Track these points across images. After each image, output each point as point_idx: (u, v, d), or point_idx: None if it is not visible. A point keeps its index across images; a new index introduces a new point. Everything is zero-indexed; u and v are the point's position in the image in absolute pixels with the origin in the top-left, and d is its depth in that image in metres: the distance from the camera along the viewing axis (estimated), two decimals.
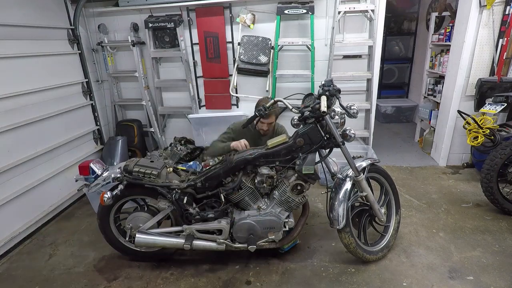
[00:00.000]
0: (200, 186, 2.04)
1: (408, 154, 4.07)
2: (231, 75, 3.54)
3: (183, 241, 2.06)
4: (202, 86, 3.71)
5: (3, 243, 2.46)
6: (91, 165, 2.14)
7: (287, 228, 2.09)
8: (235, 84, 3.58)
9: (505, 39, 2.96)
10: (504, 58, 2.99)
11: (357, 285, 1.99)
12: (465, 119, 3.00)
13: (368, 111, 3.47)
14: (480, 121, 2.85)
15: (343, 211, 1.95)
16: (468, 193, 3.02)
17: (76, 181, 2.33)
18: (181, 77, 3.67)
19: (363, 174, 2.01)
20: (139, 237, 2.07)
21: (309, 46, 3.19)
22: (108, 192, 1.90)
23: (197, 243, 2.08)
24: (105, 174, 2.10)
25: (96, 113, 3.66)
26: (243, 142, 2.30)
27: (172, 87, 3.82)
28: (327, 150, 2.00)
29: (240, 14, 3.30)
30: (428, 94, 4.15)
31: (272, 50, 3.32)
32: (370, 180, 2.19)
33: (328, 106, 1.79)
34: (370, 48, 3.27)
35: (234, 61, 3.49)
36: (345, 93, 1.91)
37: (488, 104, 2.88)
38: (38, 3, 2.93)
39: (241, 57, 3.38)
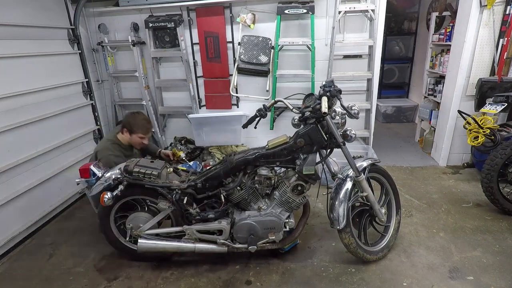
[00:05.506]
0: (200, 186, 2.03)
1: (408, 154, 4.07)
2: (231, 75, 3.54)
3: (185, 244, 2.07)
4: (202, 86, 3.70)
5: (4, 243, 2.46)
6: (91, 167, 2.13)
7: (287, 229, 2.09)
8: (235, 84, 3.58)
9: (506, 39, 2.96)
10: (504, 58, 2.99)
11: (357, 285, 1.99)
12: (465, 119, 3.00)
13: (368, 111, 3.47)
14: (480, 121, 2.84)
15: (343, 211, 1.95)
16: (468, 193, 3.02)
17: (78, 184, 2.33)
18: (181, 77, 3.67)
19: (364, 174, 2.01)
20: (142, 242, 2.07)
21: (309, 46, 3.18)
22: (109, 193, 1.90)
23: (200, 246, 2.08)
24: (106, 175, 2.10)
25: (96, 113, 3.65)
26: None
27: (172, 87, 3.82)
28: (328, 151, 2.00)
29: (241, 14, 3.29)
30: (429, 94, 4.14)
31: (272, 50, 3.31)
32: (371, 180, 2.20)
33: (329, 107, 1.78)
34: (371, 48, 3.26)
35: (235, 61, 3.48)
36: (345, 93, 1.90)
37: (489, 104, 2.88)
38: (38, 3, 2.92)
39: (242, 57, 3.38)
